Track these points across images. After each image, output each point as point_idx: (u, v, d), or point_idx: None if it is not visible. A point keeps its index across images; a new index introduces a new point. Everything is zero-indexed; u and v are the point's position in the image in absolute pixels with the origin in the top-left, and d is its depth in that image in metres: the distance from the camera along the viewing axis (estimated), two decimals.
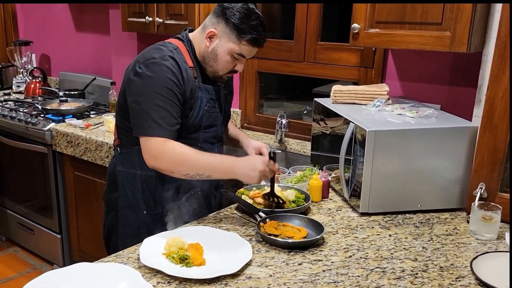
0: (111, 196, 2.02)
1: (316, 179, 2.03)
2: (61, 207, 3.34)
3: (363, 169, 1.87)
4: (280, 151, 2.75)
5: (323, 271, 1.51)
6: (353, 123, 1.94)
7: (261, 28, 1.82)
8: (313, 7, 2.74)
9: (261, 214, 1.81)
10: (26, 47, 4.21)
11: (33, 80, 4.01)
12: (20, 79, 4.21)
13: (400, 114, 2.05)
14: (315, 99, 2.36)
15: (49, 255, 3.54)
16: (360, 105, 2.22)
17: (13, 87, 4.20)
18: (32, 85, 3.95)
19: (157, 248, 1.56)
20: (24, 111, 3.45)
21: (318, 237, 1.65)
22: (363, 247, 1.67)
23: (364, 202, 1.90)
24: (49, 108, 3.38)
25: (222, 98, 2.00)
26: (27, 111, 3.45)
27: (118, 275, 1.42)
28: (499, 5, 1.85)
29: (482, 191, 1.85)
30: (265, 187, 2.01)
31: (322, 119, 2.29)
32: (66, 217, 3.36)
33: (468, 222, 1.84)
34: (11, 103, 3.70)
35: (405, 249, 1.67)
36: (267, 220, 1.75)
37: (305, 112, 3.07)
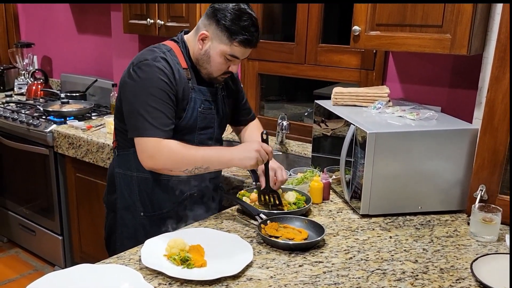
0: (110, 197, 2.03)
1: (317, 181, 2.03)
2: (63, 208, 3.35)
3: (363, 171, 1.87)
4: (279, 154, 2.74)
5: (324, 272, 1.51)
6: (354, 125, 1.94)
7: (253, 29, 1.79)
8: (314, 10, 2.75)
9: (262, 216, 1.81)
10: (27, 49, 4.21)
11: (35, 82, 4.02)
12: (21, 81, 4.22)
13: (400, 116, 2.05)
14: (316, 101, 2.36)
15: (51, 256, 3.55)
16: (360, 107, 2.22)
17: (15, 89, 4.21)
18: (34, 87, 3.97)
19: (158, 249, 1.57)
20: (26, 112, 3.46)
21: (318, 238, 1.66)
22: (363, 249, 1.67)
23: (364, 204, 1.91)
24: (50, 109, 3.39)
25: (219, 99, 1.99)
26: (28, 112, 3.46)
27: (119, 276, 1.42)
28: (499, 7, 1.85)
29: (482, 193, 1.85)
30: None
31: (323, 121, 2.30)
32: (67, 218, 3.37)
33: (468, 224, 1.84)
34: (13, 104, 3.71)
35: (405, 251, 1.67)
36: (268, 221, 1.75)
37: (306, 114, 3.08)
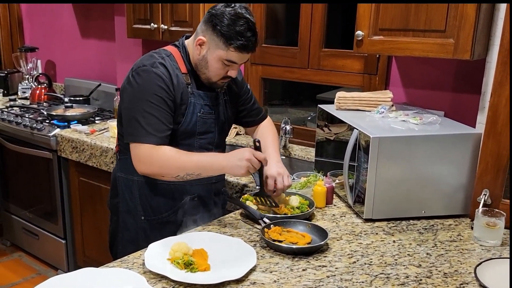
0: (113, 201, 2.04)
1: (320, 185, 2.03)
2: (66, 212, 3.35)
3: (367, 175, 1.88)
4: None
5: (327, 277, 1.51)
6: (357, 129, 1.95)
7: (250, 33, 1.76)
8: (317, 14, 2.76)
9: (265, 220, 1.81)
10: (31, 53, 4.23)
11: (39, 86, 4.03)
12: (25, 85, 4.23)
13: (404, 121, 2.06)
14: (319, 105, 2.37)
15: (54, 260, 3.55)
16: (364, 111, 2.23)
17: (19, 93, 4.23)
18: (38, 91, 3.98)
19: (162, 253, 1.57)
20: (30, 116, 3.47)
21: (322, 243, 1.66)
22: (367, 253, 1.67)
23: (368, 208, 1.91)
24: (54, 114, 3.40)
25: (221, 104, 1.98)
26: (32, 116, 3.47)
27: (123, 280, 1.42)
28: (502, 12, 1.86)
29: (486, 197, 1.85)
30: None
31: (326, 125, 2.30)
32: (70, 222, 3.37)
33: (472, 228, 1.84)
34: (17, 109, 3.72)
35: (409, 255, 1.67)
36: (271, 226, 1.75)
37: (309, 118, 3.08)
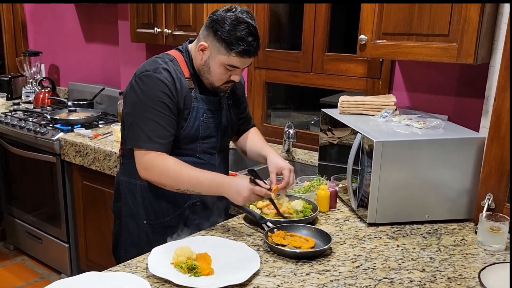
0: (116, 205, 2.04)
1: (324, 189, 2.03)
2: (69, 216, 3.35)
3: (370, 179, 1.87)
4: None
5: (331, 281, 1.51)
6: (361, 133, 1.95)
7: (251, 38, 1.76)
8: (320, 19, 2.76)
9: (268, 224, 1.81)
10: (35, 58, 4.24)
11: (42, 90, 4.04)
12: (29, 89, 4.24)
13: (407, 125, 2.05)
14: (323, 109, 2.37)
15: (57, 264, 3.55)
16: (367, 115, 2.23)
17: (22, 97, 4.23)
18: (41, 95, 3.99)
19: (165, 257, 1.57)
20: (33, 120, 3.48)
21: (325, 247, 1.66)
22: (370, 258, 1.67)
23: (371, 213, 1.90)
24: (58, 117, 3.41)
25: (224, 108, 1.98)
26: (36, 120, 3.48)
27: (126, 284, 1.43)
28: (505, 16, 1.86)
29: (490, 201, 1.85)
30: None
31: (330, 129, 2.30)
32: (74, 226, 3.37)
33: (476, 232, 1.84)
34: (20, 112, 3.73)
35: (413, 259, 1.67)
36: (274, 230, 1.75)
37: (312, 122, 3.08)
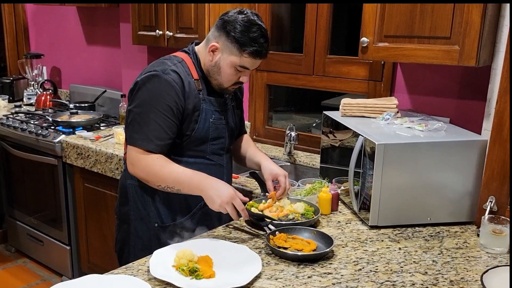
0: (122, 209, 2.02)
1: (326, 192, 2.03)
2: (71, 218, 3.35)
3: (372, 182, 1.87)
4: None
5: (333, 284, 1.51)
6: (362, 136, 1.94)
7: (263, 40, 1.81)
8: (322, 21, 2.76)
9: (270, 226, 1.81)
10: (37, 60, 4.25)
11: (44, 92, 4.05)
12: (31, 91, 4.25)
13: (409, 127, 2.05)
14: (324, 112, 2.37)
15: (58, 266, 3.54)
16: (369, 118, 2.23)
17: (24, 99, 4.25)
18: (43, 98, 4.00)
19: (167, 260, 1.57)
20: (35, 123, 3.48)
21: (327, 250, 1.65)
22: (372, 260, 1.66)
23: (373, 215, 1.90)
24: (59, 120, 3.41)
25: (229, 110, 2.01)
26: (37, 123, 3.48)
27: (128, 287, 1.42)
28: (507, 19, 1.85)
29: (492, 204, 1.84)
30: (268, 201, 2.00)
31: (331, 132, 2.30)
32: (75, 228, 3.37)
33: (478, 235, 1.83)
34: (22, 115, 3.73)
35: (415, 262, 1.66)
36: (276, 232, 1.75)
37: (314, 124, 3.08)
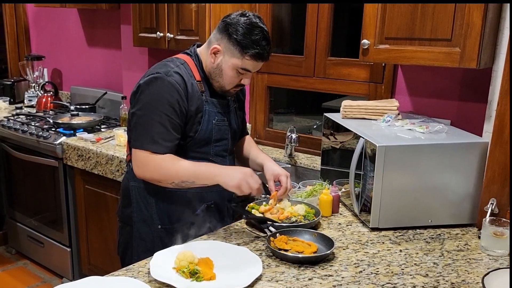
0: (125, 211, 2.02)
1: (326, 194, 2.03)
2: (71, 220, 3.35)
3: (373, 184, 1.87)
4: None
5: (334, 286, 1.50)
6: (363, 138, 1.94)
7: (265, 42, 1.81)
8: (322, 23, 2.76)
9: (271, 228, 1.81)
10: (38, 62, 4.25)
11: (45, 94, 4.05)
12: (31, 93, 4.25)
13: (410, 130, 2.05)
14: (325, 114, 2.37)
15: (59, 268, 3.55)
16: (370, 120, 2.23)
17: (25, 101, 4.25)
18: (44, 99, 4.00)
19: (167, 262, 1.57)
20: (36, 125, 3.48)
21: (328, 252, 1.65)
22: (373, 263, 1.66)
23: (374, 217, 1.90)
24: (60, 122, 3.42)
25: (232, 111, 2.02)
26: (38, 125, 3.48)
27: None
28: (508, 21, 1.85)
29: (493, 206, 1.84)
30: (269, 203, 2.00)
31: (332, 133, 2.30)
32: (76, 230, 3.37)
33: (479, 237, 1.83)
34: (23, 117, 3.74)
35: (416, 264, 1.66)
36: (277, 234, 1.75)
37: (314, 126, 3.08)
